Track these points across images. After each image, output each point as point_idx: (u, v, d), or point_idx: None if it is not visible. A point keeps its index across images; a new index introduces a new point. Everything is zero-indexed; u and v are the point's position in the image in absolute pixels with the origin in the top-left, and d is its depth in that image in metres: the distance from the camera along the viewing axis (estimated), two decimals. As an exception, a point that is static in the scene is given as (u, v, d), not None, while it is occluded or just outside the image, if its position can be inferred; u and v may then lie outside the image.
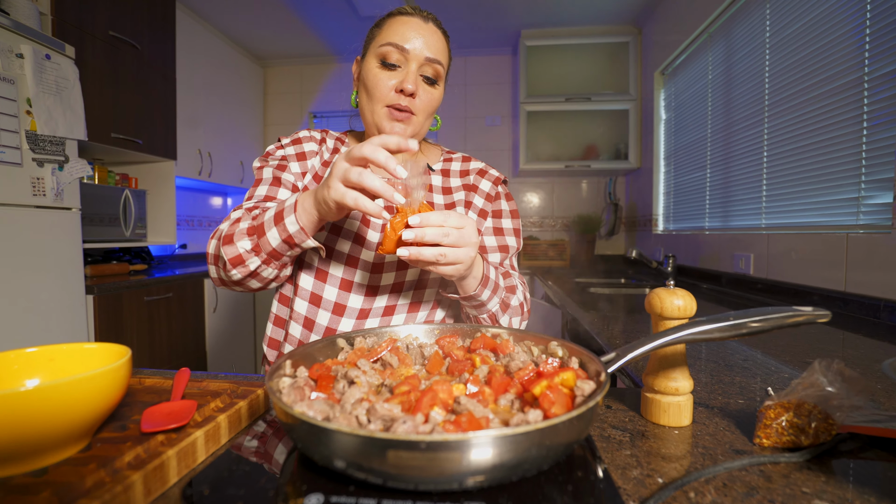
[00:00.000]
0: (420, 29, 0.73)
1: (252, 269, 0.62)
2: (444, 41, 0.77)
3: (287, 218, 0.58)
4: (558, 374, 0.33)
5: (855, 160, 1.25)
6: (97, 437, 0.41)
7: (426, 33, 0.73)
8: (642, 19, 2.87)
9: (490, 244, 0.82)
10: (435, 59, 0.74)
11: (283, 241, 0.59)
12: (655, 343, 0.38)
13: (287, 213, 0.58)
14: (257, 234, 0.61)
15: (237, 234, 0.62)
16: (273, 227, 0.59)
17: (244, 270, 0.63)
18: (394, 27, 0.73)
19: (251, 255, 0.61)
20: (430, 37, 0.73)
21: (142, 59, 2.18)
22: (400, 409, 0.30)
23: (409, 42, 0.72)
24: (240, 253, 0.61)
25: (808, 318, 0.39)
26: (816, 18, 1.39)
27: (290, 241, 0.59)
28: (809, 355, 0.80)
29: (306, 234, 0.58)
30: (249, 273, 0.63)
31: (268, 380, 0.32)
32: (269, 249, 0.60)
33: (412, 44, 0.72)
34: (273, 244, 0.59)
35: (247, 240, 0.61)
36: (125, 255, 2.40)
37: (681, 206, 2.45)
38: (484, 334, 0.46)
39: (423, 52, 0.73)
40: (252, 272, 0.63)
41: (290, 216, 0.57)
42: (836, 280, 1.27)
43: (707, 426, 0.49)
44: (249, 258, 0.61)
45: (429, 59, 0.73)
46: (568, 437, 0.26)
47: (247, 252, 0.61)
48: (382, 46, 0.73)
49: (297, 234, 0.58)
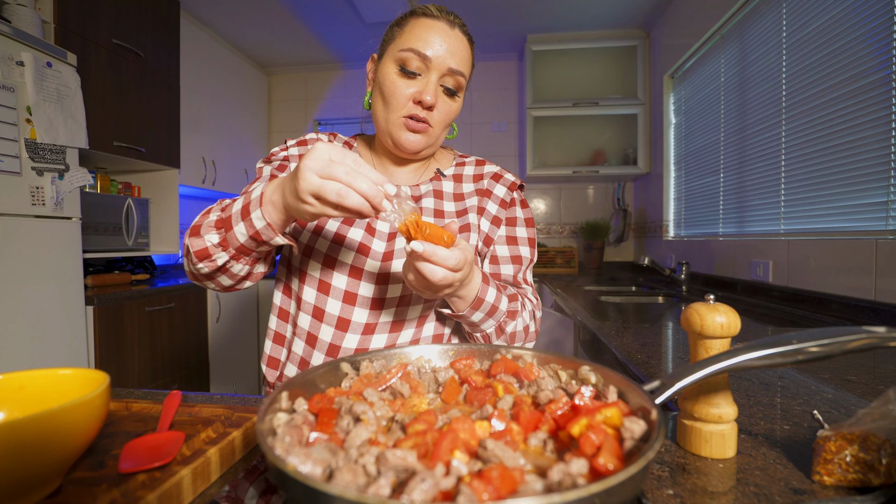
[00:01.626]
0: (445, 35, 0.68)
1: (220, 265, 0.59)
2: (468, 49, 0.72)
3: (253, 213, 0.53)
4: (600, 410, 0.28)
5: (883, 162, 1.19)
6: (69, 478, 0.36)
7: (451, 40, 0.68)
8: (650, 23, 2.84)
9: (502, 254, 0.77)
10: (458, 70, 0.69)
11: (251, 238, 0.55)
12: (712, 370, 0.33)
13: (253, 207, 0.53)
14: (225, 227, 0.56)
15: (205, 227, 0.58)
16: (240, 221, 0.54)
17: (211, 265, 0.59)
18: (416, 31, 0.68)
19: (218, 249, 0.57)
20: (454, 44, 0.68)
21: (145, 66, 2.16)
22: (415, 457, 0.25)
23: (431, 49, 0.67)
24: (206, 247, 0.57)
25: (880, 340, 0.34)
26: (838, 16, 1.34)
27: (257, 237, 0.54)
28: (849, 372, 0.74)
29: (274, 231, 0.53)
30: (217, 268, 0.59)
31: (260, 419, 0.27)
32: (237, 245, 0.56)
33: (435, 51, 0.67)
34: (241, 240, 0.55)
35: (214, 233, 0.57)
36: (127, 265, 2.37)
37: (692, 212, 2.39)
38: (504, 357, 0.42)
39: (447, 61, 0.68)
40: (220, 267, 0.59)
41: (257, 210, 0.53)
42: (864, 289, 1.21)
43: (755, 458, 0.44)
44: (216, 253, 0.58)
45: (452, 69, 0.68)
46: (627, 495, 0.21)
47: (213, 246, 0.57)
48: (403, 51, 0.67)
49: (264, 230, 0.53)
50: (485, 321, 0.66)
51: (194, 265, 0.60)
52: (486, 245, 0.76)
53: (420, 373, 0.41)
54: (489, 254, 0.78)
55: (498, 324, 0.67)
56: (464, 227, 0.73)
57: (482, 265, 0.78)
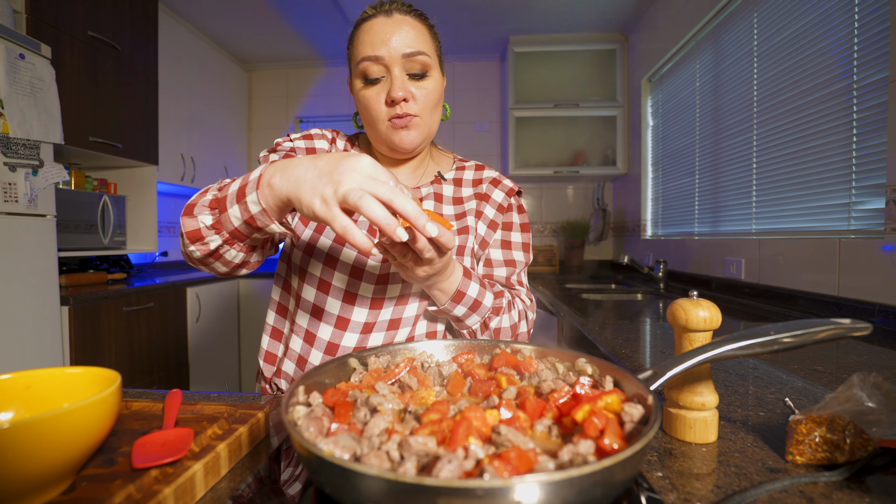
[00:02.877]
0: (384, 27, 0.66)
1: (212, 249, 0.54)
2: (420, 26, 0.70)
3: (249, 196, 0.49)
4: (601, 397, 0.30)
5: (845, 166, 1.26)
6: (81, 476, 0.37)
7: (393, 28, 0.67)
8: (629, 27, 2.91)
9: (496, 258, 0.79)
10: (414, 51, 0.67)
11: (245, 223, 0.51)
12: (698, 360, 0.35)
13: (249, 190, 0.49)
14: (219, 208, 0.52)
15: (199, 206, 0.54)
16: (235, 203, 0.50)
17: (203, 248, 0.54)
18: (361, 37, 0.68)
19: (211, 232, 0.53)
20: (399, 30, 0.67)
21: (122, 60, 2.10)
22: (434, 443, 0.27)
23: (379, 48, 0.66)
24: (199, 228, 0.53)
25: (846, 330, 0.37)
26: (804, 27, 1.41)
27: (251, 223, 0.50)
28: (816, 363, 0.79)
29: (269, 218, 0.49)
30: (210, 252, 0.55)
31: (284, 411, 0.28)
32: (231, 229, 0.52)
33: (383, 48, 0.66)
34: (234, 224, 0.51)
35: (208, 213, 0.53)
36: (103, 264, 2.30)
37: (669, 212, 2.47)
38: (504, 351, 0.44)
39: (399, 50, 0.66)
40: (213, 252, 0.55)
41: (252, 194, 0.48)
42: (828, 285, 1.29)
43: (734, 442, 0.47)
44: (209, 235, 0.53)
45: (406, 54, 0.67)
46: (632, 470, 0.24)
47: (206, 228, 0.53)
48: (359, 63, 0.68)
49: (259, 216, 0.49)
50: (468, 316, 0.67)
51: (186, 247, 0.56)
52: (482, 248, 0.78)
53: (424, 367, 0.43)
54: (484, 256, 0.80)
55: (482, 319, 0.69)
56: (462, 229, 0.75)
57: (477, 268, 0.80)
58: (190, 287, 2.38)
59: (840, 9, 1.27)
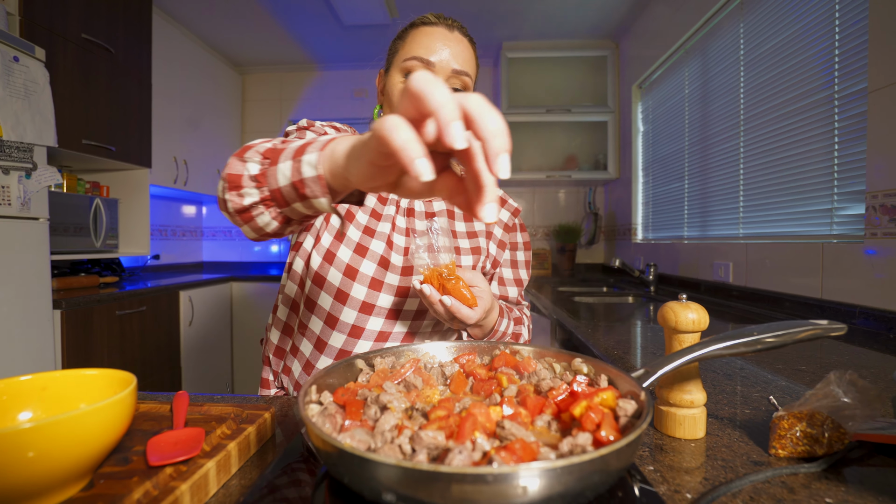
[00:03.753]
0: (445, 39, 0.70)
1: (244, 205, 0.45)
2: (470, 50, 0.73)
3: (308, 154, 0.40)
4: (597, 393, 0.32)
5: (827, 173, 1.31)
6: (99, 473, 0.38)
7: (452, 43, 0.70)
8: (619, 34, 2.97)
9: (507, 276, 0.84)
10: (462, 70, 0.70)
11: (292, 185, 0.41)
12: (687, 358, 0.38)
13: (312, 148, 0.40)
14: (271, 159, 0.44)
15: (252, 151, 0.46)
16: (290, 159, 0.42)
17: (237, 202, 0.46)
18: (418, 39, 0.70)
19: (252, 184, 0.45)
20: (456, 46, 0.70)
21: (116, 63, 2.10)
22: (444, 436, 0.29)
23: (434, 54, 0.68)
24: (241, 174, 0.45)
25: (823, 331, 0.40)
26: (788, 38, 1.46)
27: (300, 187, 0.41)
28: (799, 363, 0.82)
29: (322, 187, 0.40)
30: (242, 208, 0.46)
31: (302, 409, 0.30)
32: (274, 186, 0.43)
33: (438, 56, 0.68)
34: (280, 182, 0.42)
35: (256, 162, 0.45)
36: (94, 267, 2.29)
37: (659, 216, 2.52)
38: (504, 352, 0.46)
39: (450, 63, 0.69)
40: (244, 208, 0.46)
41: (314, 153, 0.40)
42: (812, 288, 1.33)
43: (721, 437, 0.50)
44: (248, 187, 0.45)
45: (456, 70, 0.70)
46: (627, 459, 0.26)
47: (249, 178, 0.45)
48: (407, 61, 0.69)
49: (311, 182, 0.40)
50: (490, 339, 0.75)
51: (225, 192, 0.47)
52: (493, 267, 0.83)
53: (427, 367, 0.45)
54: (497, 275, 0.85)
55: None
56: (475, 249, 0.78)
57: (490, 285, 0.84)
58: (183, 290, 2.37)
59: (822, 21, 1.32)
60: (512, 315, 0.78)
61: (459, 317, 0.60)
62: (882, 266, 1.11)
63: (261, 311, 2.89)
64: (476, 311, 0.62)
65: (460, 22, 0.76)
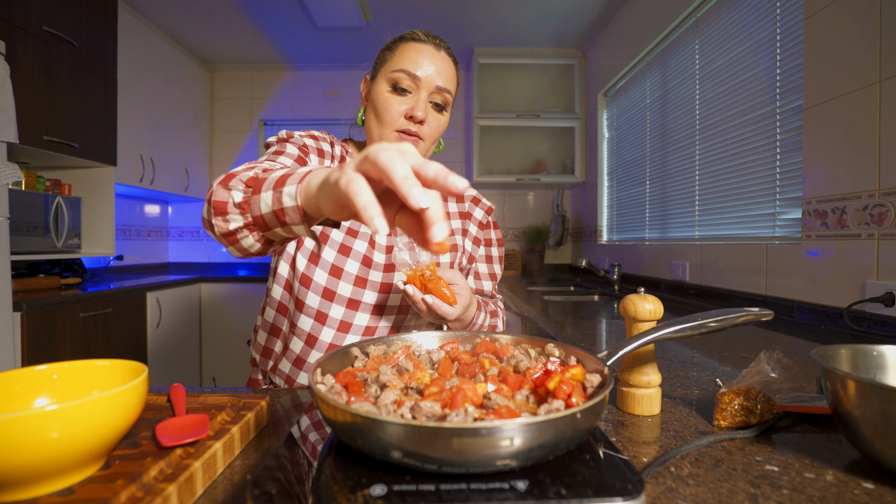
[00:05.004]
0: (432, 57, 0.75)
1: (230, 230, 0.49)
2: (454, 69, 0.80)
3: (288, 186, 0.45)
4: (568, 370, 0.38)
5: (771, 181, 1.44)
6: (113, 456, 0.41)
7: (438, 61, 0.76)
8: (586, 44, 3.10)
9: (483, 271, 0.90)
10: (445, 87, 0.77)
11: (273, 213, 0.46)
12: (643, 340, 0.44)
13: (291, 181, 0.45)
14: (254, 188, 0.48)
15: (236, 180, 0.50)
16: (271, 189, 0.46)
17: (223, 226, 0.50)
18: (406, 53, 0.75)
19: (236, 210, 0.49)
20: (441, 64, 0.76)
21: (80, 57, 2.03)
22: (439, 407, 0.34)
23: (420, 69, 0.74)
24: (226, 201, 0.49)
25: (755, 316, 0.47)
26: (737, 56, 1.59)
27: (280, 215, 0.46)
28: (743, 351, 0.92)
29: (300, 215, 0.44)
30: (228, 232, 0.50)
31: (313, 386, 0.34)
32: (257, 213, 0.47)
33: (424, 71, 0.74)
34: (262, 209, 0.47)
35: (240, 190, 0.49)
36: (54, 268, 2.20)
37: (623, 219, 2.65)
38: (485, 339, 0.51)
39: (435, 80, 0.75)
40: (230, 233, 0.50)
41: (293, 185, 0.44)
42: (758, 285, 1.45)
43: (673, 413, 0.57)
44: (232, 213, 0.49)
45: (439, 87, 0.76)
46: (593, 419, 0.31)
47: (233, 205, 0.49)
48: (395, 72, 0.74)
49: (290, 211, 0.45)
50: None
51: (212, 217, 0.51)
52: (469, 262, 0.89)
53: (416, 354, 0.50)
54: (473, 270, 0.92)
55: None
56: (451, 246, 0.84)
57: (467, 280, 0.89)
58: (150, 292, 2.31)
59: (766, 42, 1.45)
60: (488, 308, 0.84)
61: (441, 313, 0.66)
62: (816, 265, 1.23)
63: (231, 313, 2.84)
64: (456, 308, 0.68)
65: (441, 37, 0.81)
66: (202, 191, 3.28)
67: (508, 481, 0.29)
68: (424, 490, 0.28)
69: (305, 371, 0.75)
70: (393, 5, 2.61)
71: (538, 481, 0.29)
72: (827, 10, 1.19)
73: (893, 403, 0.37)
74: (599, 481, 0.29)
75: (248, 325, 2.83)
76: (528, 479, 0.29)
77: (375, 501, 0.27)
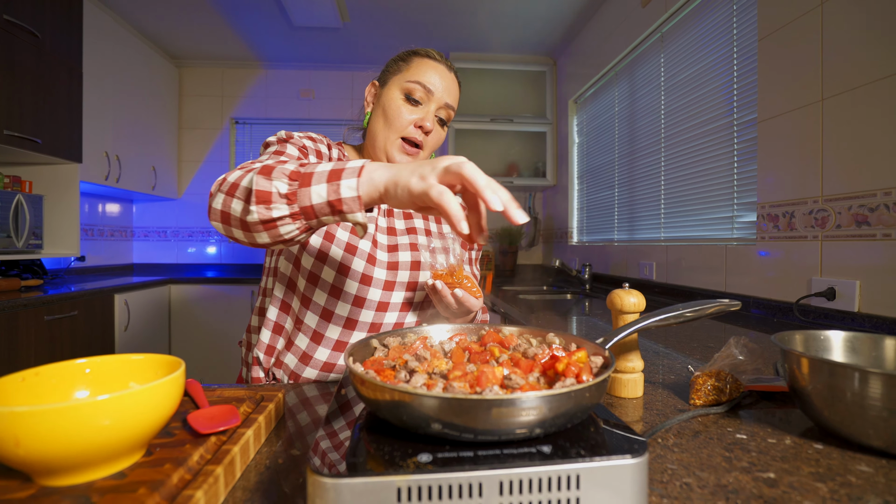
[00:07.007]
0: (444, 76, 0.83)
1: (273, 217, 0.52)
2: (458, 90, 0.87)
3: (346, 180, 0.49)
4: (574, 353, 0.43)
5: (729, 186, 1.56)
6: (152, 444, 0.43)
7: (448, 81, 0.83)
8: (557, 52, 3.21)
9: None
10: (451, 105, 0.84)
11: (328, 203, 0.50)
12: (633, 328, 0.50)
13: (348, 175, 0.50)
14: (300, 181, 0.51)
15: (278, 171, 0.53)
16: (324, 182, 0.50)
17: (265, 214, 0.52)
18: (423, 69, 0.82)
19: (282, 200, 0.51)
20: (451, 84, 0.84)
21: (43, 49, 1.95)
22: (468, 387, 0.38)
23: (433, 85, 0.81)
24: (271, 191, 0.51)
25: (725, 306, 0.54)
26: (699, 71, 1.72)
27: (337, 205, 0.50)
28: (709, 342, 1.01)
29: (360, 205, 0.49)
30: (270, 219, 0.52)
31: (351, 368, 0.38)
32: (307, 204, 0.51)
33: (436, 88, 0.81)
34: (314, 200, 0.50)
35: (285, 182, 0.52)
36: (12, 269, 2.09)
37: (593, 220, 2.77)
38: (490, 331, 0.56)
39: (444, 97, 0.82)
40: (271, 220, 0.52)
41: (352, 179, 0.49)
42: (718, 283, 1.57)
43: (654, 395, 0.64)
44: (278, 203, 0.51)
45: (447, 104, 0.83)
46: (601, 393, 0.37)
47: (279, 195, 0.51)
48: (410, 83, 0.81)
49: (350, 201, 0.49)
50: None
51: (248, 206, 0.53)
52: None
53: (430, 345, 0.54)
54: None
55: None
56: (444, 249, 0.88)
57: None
58: (118, 294, 2.23)
59: (724, 59, 1.57)
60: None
61: (468, 306, 0.73)
62: (768, 264, 1.36)
63: (202, 314, 2.77)
64: (480, 301, 0.75)
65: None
66: (170, 190, 3.19)
67: (535, 447, 0.34)
68: (464, 456, 0.32)
69: (311, 367, 0.78)
70: (371, 8, 2.63)
71: (560, 446, 0.34)
72: (778, 34, 1.32)
73: (838, 377, 0.44)
74: (610, 443, 0.34)
75: (219, 326, 2.77)
76: (551, 444, 0.34)
77: (425, 466, 0.31)
